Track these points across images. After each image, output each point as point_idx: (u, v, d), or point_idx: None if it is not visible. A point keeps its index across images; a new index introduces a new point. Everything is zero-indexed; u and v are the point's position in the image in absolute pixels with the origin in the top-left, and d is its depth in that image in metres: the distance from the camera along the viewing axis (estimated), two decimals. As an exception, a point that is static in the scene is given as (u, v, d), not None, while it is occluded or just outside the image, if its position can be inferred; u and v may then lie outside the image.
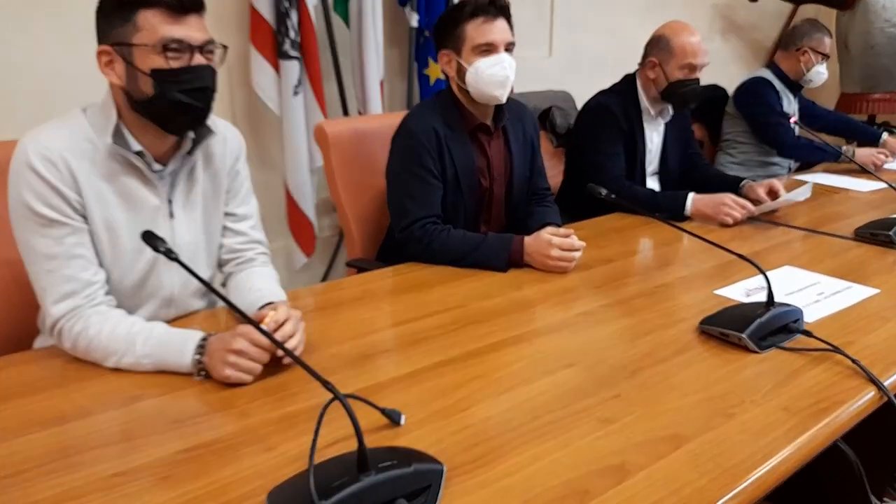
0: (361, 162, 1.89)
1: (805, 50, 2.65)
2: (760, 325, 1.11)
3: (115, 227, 1.14)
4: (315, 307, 1.36)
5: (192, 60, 1.09)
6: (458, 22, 1.59)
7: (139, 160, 1.13)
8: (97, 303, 1.12)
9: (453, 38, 1.61)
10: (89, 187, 1.11)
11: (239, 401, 0.98)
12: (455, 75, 1.63)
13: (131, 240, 1.15)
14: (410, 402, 0.97)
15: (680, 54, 2.02)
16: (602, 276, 1.50)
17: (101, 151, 1.12)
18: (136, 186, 1.16)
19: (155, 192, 1.18)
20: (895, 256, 1.59)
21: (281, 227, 2.61)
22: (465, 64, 1.59)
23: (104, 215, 1.13)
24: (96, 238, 1.13)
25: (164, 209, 1.19)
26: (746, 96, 2.70)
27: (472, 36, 1.58)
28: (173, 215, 1.21)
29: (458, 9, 1.60)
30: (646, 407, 0.94)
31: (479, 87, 1.59)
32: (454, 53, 1.61)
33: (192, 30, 1.08)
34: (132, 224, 1.15)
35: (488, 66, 1.56)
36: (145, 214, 1.17)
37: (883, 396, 0.96)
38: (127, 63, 1.07)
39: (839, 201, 2.17)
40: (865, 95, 3.98)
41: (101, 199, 1.12)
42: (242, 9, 2.38)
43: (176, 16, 1.06)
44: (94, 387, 1.03)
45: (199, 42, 1.09)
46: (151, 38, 1.05)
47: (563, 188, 2.29)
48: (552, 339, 1.19)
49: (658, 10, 3.81)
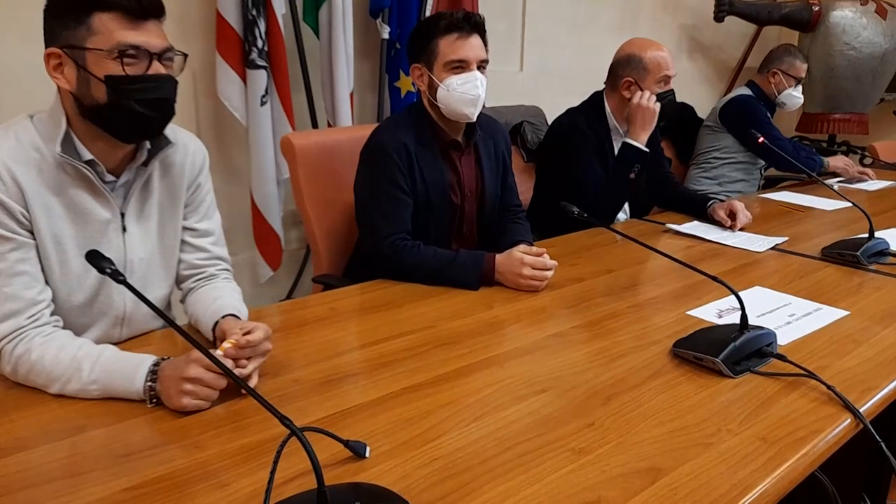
0: (329, 176, 1.85)
1: (775, 72, 2.70)
2: (735, 348, 1.09)
3: (63, 242, 1.08)
4: (279, 327, 1.30)
5: (149, 68, 1.03)
6: (431, 36, 1.56)
7: (90, 170, 1.07)
8: (41, 323, 1.04)
9: (426, 53, 1.58)
10: (36, 199, 1.04)
11: (192, 431, 0.92)
12: (426, 90, 1.60)
13: (80, 255, 1.08)
14: (376, 431, 0.92)
15: (655, 69, 2.04)
16: (574, 296, 1.47)
17: (49, 161, 1.05)
18: (87, 199, 1.09)
19: (107, 204, 1.11)
20: (862, 277, 1.60)
21: (246, 240, 2.54)
22: (436, 80, 1.56)
23: (52, 229, 1.06)
24: (43, 253, 1.06)
25: (117, 223, 1.13)
26: (738, 113, 2.72)
27: (445, 52, 1.54)
28: (126, 229, 1.14)
29: (432, 23, 1.56)
30: (620, 437, 0.91)
31: (450, 104, 1.56)
32: (426, 68, 1.58)
33: (150, 36, 1.03)
34: (81, 239, 1.09)
35: (460, 83, 1.54)
36: (96, 228, 1.10)
37: (859, 423, 0.95)
38: (79, 67, 1.01)
39: (804, 220, 2.20)
40: (826, 115, 4.09)
41: (48, 212, 1.05)
42: (209, 15, 2.31)
43: (134, 21, 1.01)
44: (36, 415, 0.95)
45: (157, 49, 1.03)
46: (107, 42, 0.99)
47: (534, 205, 2.28)
48: (524, 362, 1.15)
49: (628, 27, 3.87)
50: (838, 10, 3.86)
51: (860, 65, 3.88)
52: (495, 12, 3.08)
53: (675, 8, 4.11)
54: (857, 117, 4.06)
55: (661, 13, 4.04)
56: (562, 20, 3.53)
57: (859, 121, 4.06)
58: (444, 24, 1.54)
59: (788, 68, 2.69)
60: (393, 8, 2.61)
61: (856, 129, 4.07)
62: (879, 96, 4.09)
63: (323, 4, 2.44)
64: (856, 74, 3.91)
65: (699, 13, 4.15)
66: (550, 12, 3.46)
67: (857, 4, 3.86)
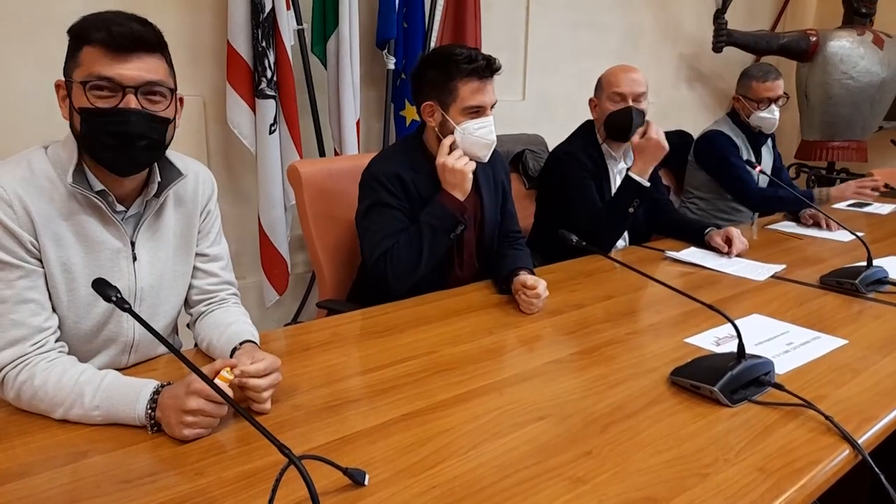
0: (334, 203, 1.87)
1: (737, 97, 2.65)
2: (732, 377, 1.10)
3: (73, 270, 1.09)
4: (282, 351, 1.31)
5: (121, 102, 1.02)
6: (451, 77, 1.55)
7: (100, 200, 1.09)
8: (46, 350, 1.06)
9: (443, 92, 1.57)
10: (46, 228, 1.06)
11: (193, 457, 0.93)
12: (437, 127, 1.61)
13: (89, 283, 1.10)
14: (376, 458, 0.93)
15: (607, 85, 2.09)
16: (573, 322, 1.48)
17: (61, 191, 1.07)
18: (97, 228, 1.11)
19: (117, 233, 1.13)
20: (861, 306, 1.61)
21: (254, 264, 2.57)
22: (452, 121, 1.57)
23: (61, 257, 1.08)
24: (52, 281, 1.08)
25: (127, 251, 1.15)
26: (704, 149, 2.70)
27: (465, 96, 1.55)
28: (136, 258, 1.16)
29: (453, 64, 1.54)
30: (618, 465, 0.92)
31: (466, 147, 1.58)
32: (439, 107, 1.58)
33: (130, 69, 1.02)
34: (92, 267, 1.11)
35: (477, 127, 1.56)
36: (106, 257, 1.12)
37: (858, 455, 0.95)
38: (69, 98, 1.05)
39: (802, 247, 2.21)
40: (825, 143, 4.13)
41: (58, 241, 1.07)
42: (219, 46, 2.37)
43: (115, 54, 1.01)
44: (39, 441, 0.96)
45: (133, 82, 1.02)
46: (82, 74, 1.02)
47: (534, 231, 2.30)
48: (523, 388, 1.16)
49: (629, 56, 3.92)
50: (836, 40, 3.92)
51: (858, 93, 3.92)
52: (498, 42, 3.14)
53: (674, 38, 4.17)
54: (856, 144, 4.09)
55: (660, 43, 4.11)
56: (563, 49, 3.59)
57: (858, 148, 4.10)
58: (468, 69, 1.53)
59: (746, 91, 2.59)
60: (398, 40, 2.67)
61: (855, 156, 4.10)
62: (878, 124, 4.13)
63: (331, 36, 2.49)
64: (854, 102, 3.95)
65: (698, 42, 4.21)
66: (552, 41, 3.53)
67: (854, 34, 3.92)
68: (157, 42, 1.06)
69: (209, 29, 2.39)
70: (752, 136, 2.69)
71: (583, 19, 3.64)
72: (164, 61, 1.08)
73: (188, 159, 1.26)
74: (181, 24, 2.34)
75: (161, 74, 1.06)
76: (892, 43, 3.93)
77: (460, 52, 1.55)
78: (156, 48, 1.06)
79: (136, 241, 1.16)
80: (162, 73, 1.06)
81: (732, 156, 2.61)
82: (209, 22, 2.38)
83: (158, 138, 1.08)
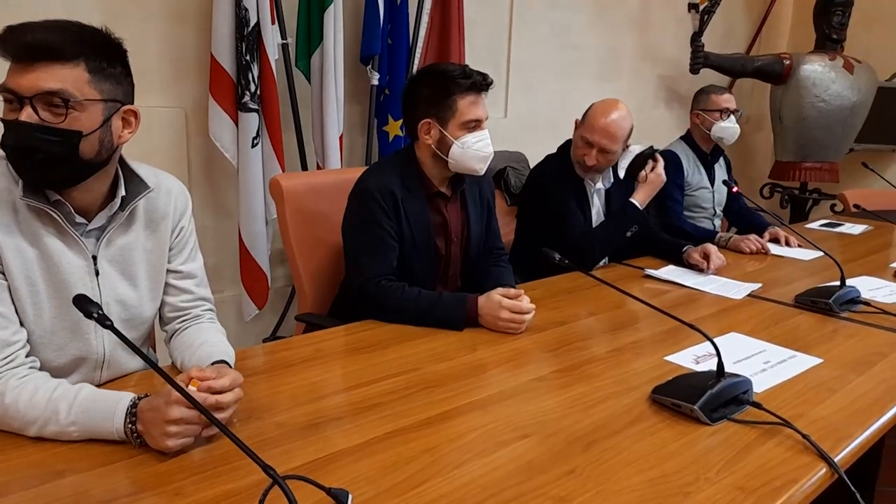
0: (316, 217, 1.87)
1: (697, 113, 2.73)
2: (712, 396, 1.11)
3: (36, 283, 1.06)
4: (264, 368, 1.30)
5: (20, 114, 0.96)
6: (450, 93, 1.58)
7: (55, 212, 1.05)
8: (16, 365, 1.03)
9: (441, 108, 1.59)
10: (8, 240, 1.03)
11: (174, 477, 0.91)
12: (435, 144, 1.62)
13: (53, 297, 1.08)
14: (359, 477, 0.93)
15: (587, 128, 2.07)
16: (555, 339, 1.49)
17: (19, 202, 1.04)
18: (55, 241, 1.07)
19: (76, 247, 1.09)
20: (835, 325, 1.65)
21: (233, 277, 2.54)
22: (450, 137, 1.59)
23: (24, 270, 1.05)
24: (16, 295, 1.05)
25: (89, 266, 1.11)
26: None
27: (463, 111, 1.58)
28: (99, 272, 1.13)
29: (450, 80, 1.57)
30: (601, 485, 0.92)
31: (464, 160, 1.61)
32: (438, 123, 1.60)
33: (28, 79, 0.95)
34: (53, 281, 1.08)
35: (475, 141, 1.59)
36: (66, 270, 1.08)
37: (834, 473, 0.97)
38: None
39: (778, 266, 2.26)
40: (798, 164, 4.23)
41: (21, 254, 1.04)
42: (203, 58, 2.36)
43: (17, 64, 0.96)
44: (11, 460, 0.94)
45: (28, 92, 0.95)
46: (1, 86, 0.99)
47: (515, 248, 2.32)
48: (506, 406, 1.16)
49: (610, 76, 4.00)
50: (808, 64, 4.03)
51: (830, 116, 4.03)
52: (481, 59, 3.17)
53: (653, 59, 4.26)
54: (828, 166, 4.20)
55: (640, 64, 4.19)
56: (545, 68, 3.64)
57: (830, 169, 4.20)
58: (466, 84, 1.57)
59: (705, 104, 2.70)
60: (383, 56, 2.68)
61: (827, 177, 4.21)
62: (849, 146, 4.25)
63: (315, 50, 2.50)
64: (826, 125, 4.06)
65: (676, 65, 4.30)
66: (534, 60, 3.57)
67: (826, 59, 4.04)
68: (70, 50, 0.97)
69: (192, 42, 2.38)
70: (702, 157, 2.77)
71: (564, 40, 3.70)
72: (84, 69, 0.99)
73: (162, 173, 1.24)
74: (165, 36, 2.32)
75: (66, 83, 0.97)
76: (861, 68, 4.06)
77: (454, 69, 1.59)
78: (67, 56, 0.97)
79: (97, 255, 1.12)
80: (69, 82, 0.97)
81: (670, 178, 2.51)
82: (193, 35, 2.38)
83: (61, 152, 0.98)
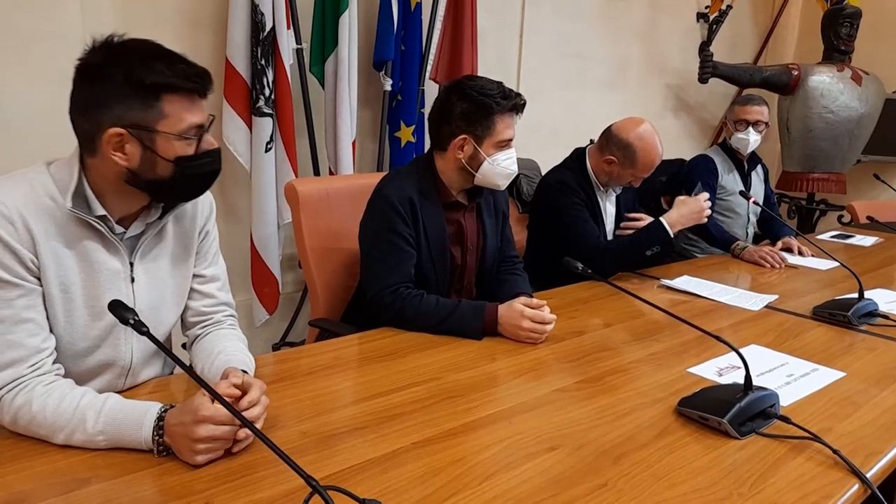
0: (330, 222, 1.87)
1: (724, 123, 2.83)
2: (740, 409, 1.10)
3: (71, 290, 1.07)
4: (281, 376, 1.29)
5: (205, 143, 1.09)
6: (490, 112, 1.58)
7: (101, 224, 1.07)
8: (43, 372, 1.02)
9: (480, 126, 1.59)
10: (46, 247, 1.03)
11: (201, 486, 0.90)
12: (466, 159, 1.62)
13: (86, 304, 1.08)
14: (389, 488, 0.92)
15: (641, 169, 2.10)
16: (574, 350, 1.48)
17: (62, 209, 1.05)
18: (96, 249, 1.09)
19: (116, 255, 1.11)
20: (853, 338, 1.64)
21: (244, 282, 2.53)
22: (483, 153, 1.60)
23: (60, 277, 1.05)
24: (50, 300, 1.05)
25: (126, 273, 1.12)
26: (687, 172, 2.81)
27: (500, 130, 1.60)
28: (135, 279, 1.14)
29: (492, 99, 1.58)
30: (635, 498, 0.91)
31: (492, 177, 1.63)
32: (474, 140, 1.60)
33: (203, 108, 1.08)
34: (89, 287, 1.08)
35: (504, 158, 1.62)
36: (105, 277, 1.10)
37: (867, 489, 0.96)
38: (145, 147, 1.02)
39: (794, 277, 2.25)
40: (805, 175, 4.23)
41: (58, 260, 1.05)
42: (218, 62, 2.36)
43: (192, 95, 1.06)
44: (36, 467, 0.93)
45: (206, 122, 1.09)
46: (177, 125, 1.03)
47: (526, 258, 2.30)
48: (531, 417, 1.15)
49: (617, 85, 4.00)
50: (816, 75, 4.03)
51: (837, 127, 4.04)
52: (491, 67, 3.18)
53: (661, 69, 4.26)
54: (836, 177, 4.20)
55: (647, 73, 4.19)
56: (554, 76, 3.65)
57: (837, 180, 4.20)
58: (508, 105, 1.59)
59: (731, 115, 2.77)
60: (395, 62, 2.68)
61: (834, 188, 4.21)
62: (856, 157, 4.25)
63: (329, 56, 2.50)
64: (833, 136, 4.06)
65: (684, 74, 4.31)
66: (543, 68, 3.58)
67: (833, 70, 4.04)
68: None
69: (208, 46, 2.38)
70: (738, 163, 2.79)
71: (573, 49, 3.70)
72: None
73: None
74: (181, 40, 2.32)
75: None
76: (869, 80, 4.06)
77: (493, 88, 1.59)
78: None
79: (134, 262, 1.14)
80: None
81: (704, 179, 2.70)
82: (209, 40, 2.38)
83: None
